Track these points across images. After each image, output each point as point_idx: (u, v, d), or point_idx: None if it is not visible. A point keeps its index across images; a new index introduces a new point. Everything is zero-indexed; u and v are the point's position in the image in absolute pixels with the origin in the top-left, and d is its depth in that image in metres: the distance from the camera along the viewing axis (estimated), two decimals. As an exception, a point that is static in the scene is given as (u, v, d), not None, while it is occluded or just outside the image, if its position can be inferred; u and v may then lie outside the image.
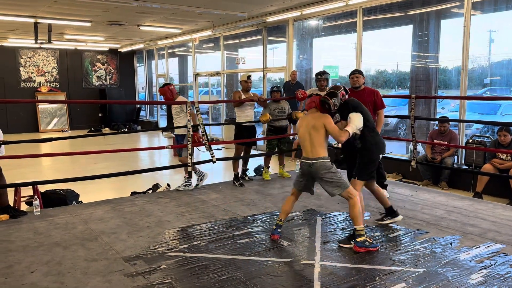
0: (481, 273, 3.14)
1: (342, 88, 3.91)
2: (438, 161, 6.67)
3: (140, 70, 18.13)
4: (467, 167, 6.66)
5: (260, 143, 9.68)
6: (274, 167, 7.18)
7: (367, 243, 3.57)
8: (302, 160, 3.82)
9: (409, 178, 7.10)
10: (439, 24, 8.21)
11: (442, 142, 6.73)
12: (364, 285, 2.95)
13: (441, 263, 3.32)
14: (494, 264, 3.29)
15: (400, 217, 4.32)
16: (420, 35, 8.36)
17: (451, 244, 3.73)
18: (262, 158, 7.03)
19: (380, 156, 4.06)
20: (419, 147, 7.23)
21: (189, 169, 5.57)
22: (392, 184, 5.80)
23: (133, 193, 5.86)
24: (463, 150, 6.81)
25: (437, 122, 7.28)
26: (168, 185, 6.02)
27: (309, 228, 4.20)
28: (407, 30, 9.04)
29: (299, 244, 3.77)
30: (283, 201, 4.01)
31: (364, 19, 8.25)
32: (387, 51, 11.22)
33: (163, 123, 15.97)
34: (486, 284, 2.96)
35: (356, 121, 3.79)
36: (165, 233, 4.03)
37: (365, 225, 4.27)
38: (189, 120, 5.48)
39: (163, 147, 6.14)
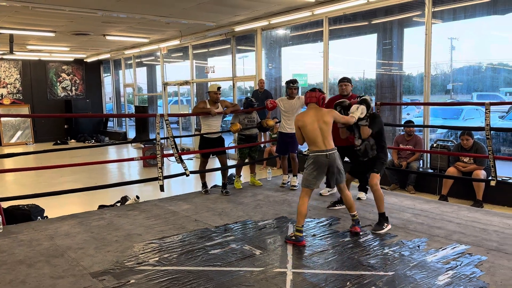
0: (447, 274, 3.23)
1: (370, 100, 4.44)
2: (404, 166, 6.85)
3: (107, 80, 17.82)
4: (432, 170, 6.87)
5: (231, 152, 9.68)
6: (245, 175, 7.18)
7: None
8: (316, 154, 4.05)
9: (377, 183, 7.24)
10: (402, 33, 8.49)
11: (407, 147, 6.92)
12: (335, 291, 2.98)
13: (410, 265, 3.39)
14: (460, 265, 3.39)
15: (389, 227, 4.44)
16: (384, 43, 8.61)
17: (418, 246, 3.82)
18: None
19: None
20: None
21: (160, 183, 5.46)
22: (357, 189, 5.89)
23: (101, 207, 5.71)
24: (428, 154, 7.02)
25: (402, 128, 7.48)
26: (137, 197, 5.90)
27: (281, 236, 4.21)
28: (371, 39, 9.31)
29: (271, 252, 3.76)
30: (300, 207, 4.02)
31: (330, 28, 8.42)
32: (354, 59, 11.47)
33: (131, 134, 15.71)
34: (453, 284, 3.05)
35: (361, 110, 4.30)
36: (134, 246, 3.94)
37: (336, 230, 4.33)
38: (158, 133, 5.40)
39: (132, 159, 6.02)
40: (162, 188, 5.47)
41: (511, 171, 6.26)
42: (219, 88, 6.01)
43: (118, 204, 5.89)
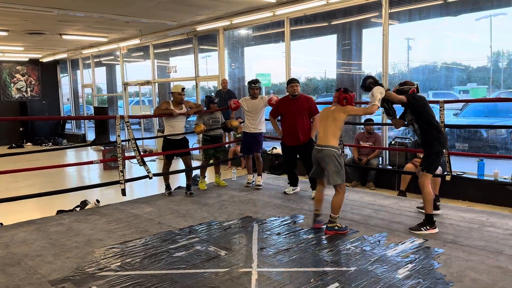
0: (407, 267, 3.34)
1: (415, 85, 4.22)
2: (364, 163, 7.03)
3: (65, 81, 17.20)
4: (391, 167, 7.09)
5: (196, 153, 9.58)
6: (210, 176, 7.15)
7: (336, 227, 4.16)
8: (315, 147, 4.30)
9: (340, 180, 7.40)
10: (361, 33, 8.71)
11: (367, 144, 7.10)
12: (300, 288, 3.02)
13: (371, 260, 3.49)
14: (419, 258, 3.52)
15: (439, 211, 4.61)
16: (344, 43, 8.80)
17: (379, 241, 3.93)
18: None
19: (444, 150, 4.42)
20: (347, 150, 7.58)
21: (121, 186, 5.32)
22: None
23: (60, 212, 5.51)
24: (387, 151, 7.24)
25: (362, 126, 7.67)
26: (98, 201, 5.74)
27: (246, 235, 4.22)
28: (332, 39, 9.49)
29: (237, 252, 3.76)
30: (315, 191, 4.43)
31: (291, 28, 8.52)
32: (315, 59, 11.66)
33: (91, 136, 15.25)
34: (412, 277, 3.16)
35: (376, 93, 4.03)
36: (95, 252, 3.83)
37: (300, 228, 4.38)
38: (118, 135, 5.27)
39: (91, 162, 5.84)
40: (123, 192, 5.32)
41: (465, 166, 6.55)
42: (183, 89, 5.93)
43: (78, 209, 5.71)
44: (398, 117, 4.43)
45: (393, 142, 7.15)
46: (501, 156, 7.65)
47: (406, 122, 4.41)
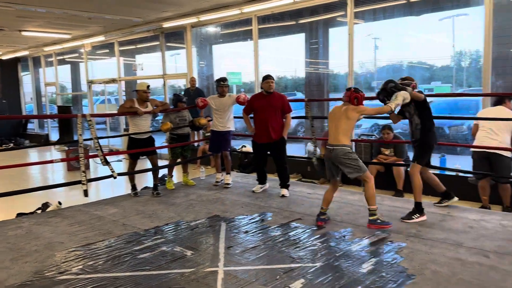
0: (371, 261, 3.39)
1: (415, 81, 4.38)
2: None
3: (26, 79, 16.58)
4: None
5: (164, 151, 9.44)
6: (178, 175, 7.06)
7: (378, 221, 4.12)
8: (326, 147, 4.29)
9: (307, 177, 7.47)
10: (328, 32, 8.82)
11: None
12: (266, 285, 3.01)
13: (336, 255, 3.53)
14: (382, 252, 3.58)
15: (455, 198, 4.64)
16: (311, 42, 8.89)
17: (344, 237, 3.98)
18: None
19: (434, 145, 4.47)
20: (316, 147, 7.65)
21: (83, 187, 5.16)
22: (293, 184, 6.04)
23: (19, 215, 5.30)
24: (354, 148, 7.36)
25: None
26: (60, 203, 5.55)
27: (213, 235, 4.18)
28: (300, 38, 9.57)
29: (203, 252, 3.72)
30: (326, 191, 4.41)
31: (259, 27, 8.52)
32: (285, 58, 11.73)
33: (55, 136, 14.77)
34: (375, 271, 3.21)
35: (400, 97, 4.09)
36: (56, 255, 3.70)
37: (268, 225, 4.38)
38: (80, 135, 5.11)
39: (51, 161, 5.64)
40: (86, 193, 5.16)
41: (436, 164, 6.73)
42: (148, 86, 5.82)
43: (39, 211, 5.51)
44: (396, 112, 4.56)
45: (359, 139, 7.27)
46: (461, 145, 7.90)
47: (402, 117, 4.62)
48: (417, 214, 4.33)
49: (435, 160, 6.42)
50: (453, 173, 6.19)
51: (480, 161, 5.37)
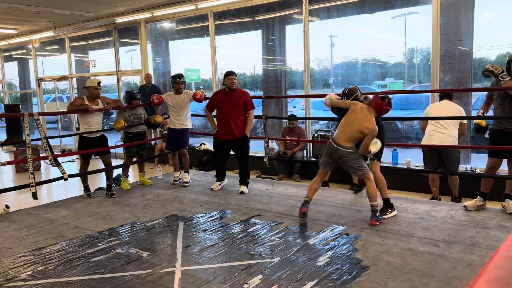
0: (327, 254, 3.46)
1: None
2: (289, 156, 7.20)
3: (-31, 77, 15.59)
4: (314, 159, 7.32)
5: (119, 151, 9.17)
6: (135, 175, 6.88)
7: (380, 217, 4.20)
8: (331, 141, 4.23)
9: (266, 174, 7.51)
10: (284, 29, 8.87)
11: (292, 138, 7.27)
12: (224, 283, 2.99)
13: (294, 250, 3.56)
14: (338, 245, 3.66)
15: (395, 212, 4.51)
16: (268, 39, 8.92)
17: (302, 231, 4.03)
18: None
19: (385, 142, 4.63)
20: (274, 144, 7.71)
21: (32, 190, 4.90)
22: (252, 180, 6.04)
23: (-38, 221, 4.97)
24: (311, 144, 7.48)
25: (287, 120, 7.85)
26: (7, 206, 5.26)
27: (170, 234, 4.10)
28: (257, 35, 9.56)
29: (160, 252, 3.65)
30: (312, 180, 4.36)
31: (216, 23, 8.44)
32: (243, 54, 11.69)
33: (2, 136, 13.98)
34: (332, 264, 3.27)
35: (378, 146, 4.24)
36: (3, 261, 3.50)
37: (226, 223, 4.36)
38: (28, 135, 4.86)
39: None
40: (35, 196, 4.92)
41: (389, 158, 6.92)
42: (99, 83, 5.62)
43: (-16, 216, 5.19)
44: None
45: (316, 135, 7.38)
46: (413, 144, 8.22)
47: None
48: (389, 210, 4.40)
49: (387, 153, 6.64)
50: (404, 166, 6.43)
51: (430, 153, 5.60)
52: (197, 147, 8.59)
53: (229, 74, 5.51)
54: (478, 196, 4.51)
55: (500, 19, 7.70)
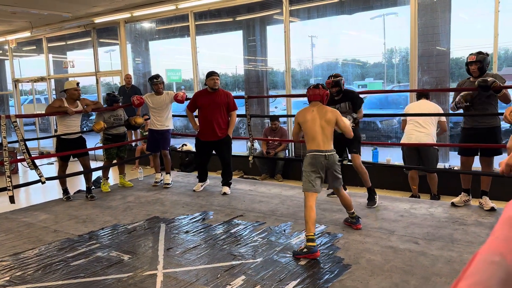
0: (309, 254, 3.47)
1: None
2: (272, 155, 7.22)
3: None
4: (296, 157, 7.36)
5: (99, 152, 9.04)
6: (115, 177, 6.79)
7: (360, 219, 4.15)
8: (315, 153, 3.71)
9: (249, 174, 7.51)
10: (265, 30, 8.89)
11: (275, 138, 7.29)
12: (207, 285, 2.98)
13: (276, 250, 3.58)
14: (320, 244, 3.68)
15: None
16: (249, 40, 8.92)
17: (284, 231, 4.05)
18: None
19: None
20: (256, 144, 7.71)
21: (9, 193, 4.78)
22: (234, 181, 6.03)
23: None
24: (293, 143, 7.51)
25: (269, 120, 7.86)
26: (-17, 211, 5.14)
27: (152, 237, 4.07)
28: (238, 35, 9.56)
29: (141, 255, 3.61)
30: (307, 213, 3.54)
31: (196, 23, 8.40)
32: (225, 55, 11.67)
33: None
34: (314, 263, 3.29)
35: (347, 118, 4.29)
36: (-22, 268, 3.42)
37: (209, 224, 4.35)
38: (4, 137, 4.75)
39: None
40: (12, 199, 4.80)
41: (369, 156, 7.01)
42: (78, 84, 5.53)
43: (-42, 222, 5.05)
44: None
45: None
46: (393, 144, 8.36)
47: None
48: (376, 196, 4.78)
49: (367, 152, 6.73)
50: (385, 163, 6.51)
51: (409, 151, 5.69)
52: (179, 148, 8.53)
53: (211, 75, 5.49)
54: (462, 192, 4.66)
55: (476, 19, 7.89)
